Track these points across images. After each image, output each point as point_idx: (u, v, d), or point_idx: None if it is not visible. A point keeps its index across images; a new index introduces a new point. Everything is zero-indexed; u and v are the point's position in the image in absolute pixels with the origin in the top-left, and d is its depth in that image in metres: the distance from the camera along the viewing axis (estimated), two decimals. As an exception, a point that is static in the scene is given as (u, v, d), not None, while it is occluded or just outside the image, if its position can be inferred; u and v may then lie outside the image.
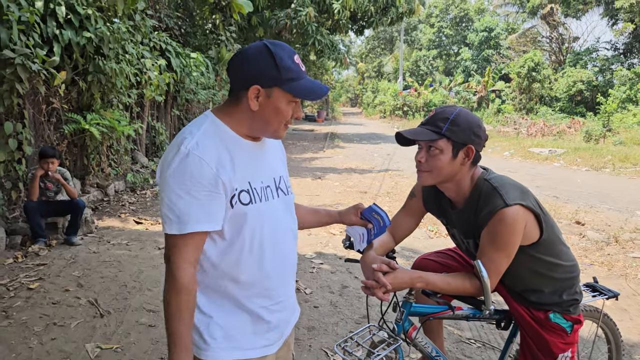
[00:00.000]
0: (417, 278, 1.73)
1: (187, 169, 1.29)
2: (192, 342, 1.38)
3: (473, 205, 1.81)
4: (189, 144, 1.32)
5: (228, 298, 1.42)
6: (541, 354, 1.93)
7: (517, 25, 40.84)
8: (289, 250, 1.54)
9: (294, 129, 25.27)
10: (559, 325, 1.90)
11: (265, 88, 1.35)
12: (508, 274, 1.84)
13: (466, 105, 32.32)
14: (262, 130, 1.43)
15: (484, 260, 1.73)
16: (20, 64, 4.99)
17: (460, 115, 1.76)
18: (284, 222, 1.52)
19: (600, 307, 2.35)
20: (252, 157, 1.45)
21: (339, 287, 4.31)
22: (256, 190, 1.42)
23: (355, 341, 1.80)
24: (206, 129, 1.38)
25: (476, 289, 1.75)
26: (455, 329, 3.60)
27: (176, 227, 1.31)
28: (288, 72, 1.35)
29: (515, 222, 1.70)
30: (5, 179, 5.60)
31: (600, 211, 7.74)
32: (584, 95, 28.08)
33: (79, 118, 6.57)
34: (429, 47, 49.73)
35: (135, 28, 8.16)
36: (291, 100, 1.38)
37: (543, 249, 1.83)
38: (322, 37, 16.56)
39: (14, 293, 3.98)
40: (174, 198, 1.30)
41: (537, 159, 14.87)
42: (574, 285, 1.94)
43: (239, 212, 1.37)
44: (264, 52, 1.35)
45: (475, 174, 1.85)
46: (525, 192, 1.79)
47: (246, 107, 1.38)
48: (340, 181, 10.17)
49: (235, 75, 1.39)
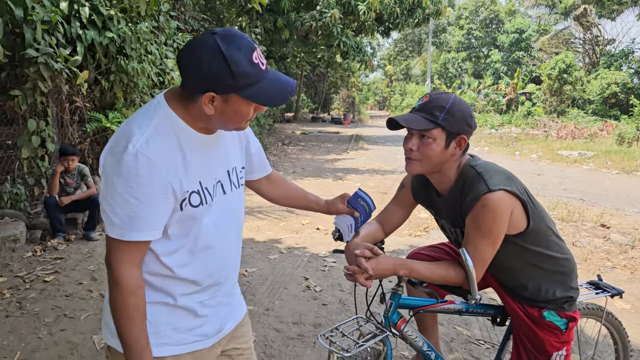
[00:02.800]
0: (400, 265, 1.70)
1: (134, 171, 1.19)
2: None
3: (458, 192, 1.77)
4: (137, 143, 1.20)
5: (163, 293, 1.36)
6: (535, 351, 1.87)
7: (549, 26, 39.96)
8: (233, 245, 1.51)
9: (319, 131, 25.29)
10: (553, 323, 1.84)
11: (220, 95, 1.23)
12: (498, 267, 1.79)
13: (495, 108, 31.80)
14: (222, 128, 1.36)
15: (469, 248, 1.69)
16: (43, 62, 5.13)
17: (455, 104, 1.71)
18: (231, 218, 1.48)
19: (603, 305, 2.26)
20: (206, 154, 1.37)
21: (349, 286, 4.27)
22: (207, 190, 1.36)
23: (340, 331, 1.78)
24: (158, 123, 1.26)
25: (461, 277, 1.71)
26: (464, 330, 3.52)
27: (118, 232, 1.23)
28: (245, 77, 1.21)
29: (499, 208, 1.65)
30: (28, 175, 5.76)
31: (628, 214, 7.49)
32: (619, 97, 27.24)
33: (101, 117, 6.70)
34: (458, 49, 49.18)
35: (158, 29, 8.30)
36: (251, 102, 1.27)
37: (531, 239, 1.77)
38: (347, 39, 16.50)
39: (29, 285, 4.08)
40: (118, 200, 1.21)
41: (565, 161, 14.51)
42: (569, 280, 1.87)
43: (188, 214, 1.32)
44: (217, 55, 1.18)
45: (462, 162, 1.80)
46: (511, 178, 1.73)
47: (202, 108, 1.26)
48: (361, 182, 10.12)
49: (186, 74, 1.24)
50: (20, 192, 5.56)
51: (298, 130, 24.76)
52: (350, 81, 36.40)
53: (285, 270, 4.66)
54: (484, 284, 2.05)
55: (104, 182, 1.24)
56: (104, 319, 1.42)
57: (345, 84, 36.36)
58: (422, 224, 6.59)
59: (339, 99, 40.46)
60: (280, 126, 26.14)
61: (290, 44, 19.06)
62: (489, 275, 1.93)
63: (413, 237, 6.04)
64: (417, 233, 6.24)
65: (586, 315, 2.23)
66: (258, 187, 1.81)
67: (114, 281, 1.26)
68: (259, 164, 1.73)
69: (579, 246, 5.65)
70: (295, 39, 17.61)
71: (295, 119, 32.52)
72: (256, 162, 1.71)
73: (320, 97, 37.21)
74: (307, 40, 18.10)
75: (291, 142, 19.19)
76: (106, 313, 1.40)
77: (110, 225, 1.24)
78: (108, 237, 1.26)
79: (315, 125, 30.27)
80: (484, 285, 2.07)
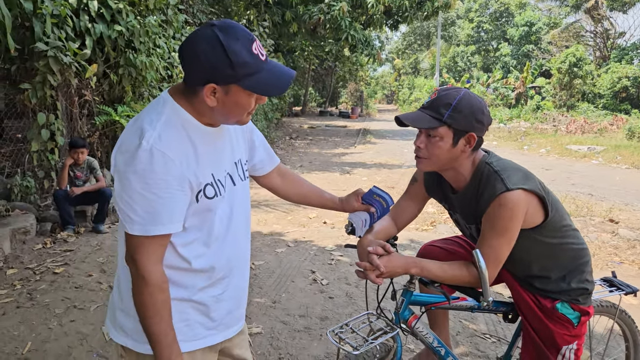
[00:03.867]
0: (412, 263, 1.68)
1: (149, 167, 1.20)
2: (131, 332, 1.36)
3: (474, 190, 1.75)
4: (150, 138, 1.21)
5: (180, 287, 1.37)
6: (544, 345, 1.86)
7: (560, 19, 39.56)
8: (243, 237, 1.52)
9: (326, 125, 25.24)
10: (565, 316, 1.82)
11: (221, 86, 1.24)
12: (513, 260, 1.77)
13: (504, 102, 31.58)
14: (225, 121, 1.37)
15: (483, 247, 1.68)
16: (52, 56, 5.15)
17: (463, 100, 1.67)
18: (241, 209, 1.50)
19: (617, 303, 2.24)
20: (214, 146, 1.39)
21: (356, 279, 4.27)
22: (220, 182, 1.39)
23: (350, 328, 1.77)
24: (168, 118, 1.28)
25: (474, 278, 1.68)
26: (470, 323, 3.52)
27: (140, 229, 1.23)
28: (245, 67, 1.22)
29: (516, 207, 1.63)
30: (38, 168, 5.80)
31: (637, 210, 7.42)
32: (629, 91, 26.96)
33: (110, 110, 6.73)
34: (467, 42, 48.81)
35: (166, 22, 8.30)
36: (251, 93, 1.29)
37: (548, 232, 1.76)
38: (355, 32, 16.40)
39: (39, 277, 4.11)
40: (136, 197, 1.21)
41: (574, 156, 14.39)
42: (584, 272, 1.85)
43: (204, 206, 1.34)
44: (216, 46, 1.19)
45: (476, 158, 1.78)
46: (528, 175, 1.72)
47: (204, 100, 1.28)
48: (368, 176, 10.10)
49: (187, 67, 1.26)
50: (30, 184, 5.60)
51: (306, 124, 24.73)
52: (359, 75, 36.27)
53: (292, 264, 4.66)
54: (496, 280, 2.04)
55: (119, 180, 1.24)
56: (117, 320, 1.41)
57: (354, 77, 36.24)
58: (429, 219, 6.57)
59: (347, 92, 40.34)
60: (288, 120, 26.13)
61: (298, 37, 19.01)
62: (502, 269, 1.91)
63: (420, 231, 6.03)
64: (424, 227, 6.22)
65: (599, 312, 2.21)
66: (271, 183, 1.80)
67: (141, 278, 1.26)
68: (266, 156, 1.73)
69: (587, 241, 5.62)
70: (304, 32, 17.55)
71: (303, 113, 32.47)
72: (263, 154, 1.71)
73: (328, 90, 37.12)
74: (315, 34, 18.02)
75: (299, 136, 19.18)
76: (119, 314, 1.40)
77: (130, 224, 1.24)
78: (129, 235, 1.26)
79: (323, 119, 30.22)
80: (497, 280, 2.05)
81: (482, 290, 1.65)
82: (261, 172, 1.74)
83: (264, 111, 14.38)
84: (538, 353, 1.90)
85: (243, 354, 1.65)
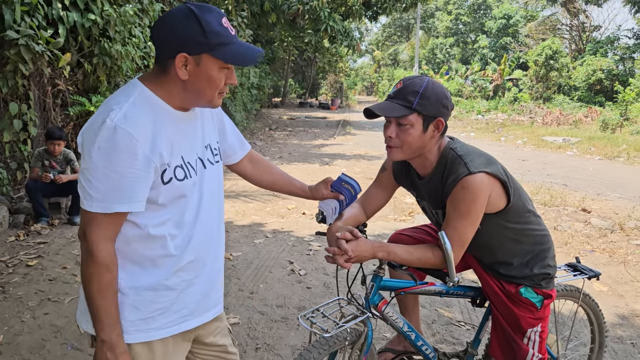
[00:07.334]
0: (378, 247, 1.73)
1: (114, 145, 1.22)
2: None
3: (439, 175, 1.80)
4: (115, 117, 1.23)
5: (153, 272, 1.39)
6: (510, 328, 1.92)
7: (537, 12, 40.04)
8: (216, 218, 1.54)
9: (306, 116, 25.21)
10: (529, 300, 1.89)
11: (193, 55, 1.28)
12: (477, 245, 1.82)
13: (482, 94, 31.91)
14: (196, 100, 1.38)
15: (448, 229, 1.72)
16: (23, 44, 5.04)
17: (429, 87, 1.72)
18: (213, 192, 1.52)
19: (581, 287, 2.31)
20: (184, 130, 1.41)
21: (333, 269, 4.31)
22: (190, 164, 1.41)
23: (321, 312, 1.80)
24: (135, 100, 1.30)
25: (440, 260, 1.73)
26: (446, 311, 3.58)
27: (98, 206, 1.25)
28: (217, 37, 1.27)
29: (479, 190, 1.68)
30: (10, 160, 5.69)
31: (609, 199, 7.61)
32: (604, 84, 27.50)
33: (84, 100, 6.62)
34: (446, 34, 49.13)
35: (142, 12, 8.17)
36: (223, 66, 1.32)
37: (511, 217, 1.81)
38: (334, 23, 16.37)
39: (12, 269, 4.06)
40: (98, 175, 1.23)
41: (550, 147, 14.64)
42: (546, 257, 1.92)
43: (174, 188, 1.36)
44: (190, 16, 1.25)
45: (442, 144, 1.83)
46: (491, 160, 1.77)
47: (175, 77, 1.30)
48: (347, 167, 10.14)
49: (159, 42, 1.30)
50: (3, 176, 5.49)
51: (285, 116, 24.67)
52: (338, 66, 36.21)
53: (270, 254, 4.68)
54: (463, 265, 2.09)
55: (84, 158, 1.26)
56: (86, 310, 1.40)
57: (333, 69, 36.19)
58: (407, 209, 6.64)
59: (327, 84, 40.32)
60: (267, 111, 26.01)
61: (278, 28, 18.86)
62: (468, 255, 1.96)
63: (398, 221, 6.09)
64: (402, 218, 6.28)
65: (563, 296, 2.27)
66: (242, 169, 1.83)
67: (90, 254, 1.28)
68: (237, 142, 1.75)
69: (560, 230, 5.74)
70: (283, 22, 17.44)
71: (282, 104, 32.36)
72: (234, 140, 1.74)
73: (308, 82, 37.05)
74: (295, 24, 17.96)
75: (278, 127, 19.13)
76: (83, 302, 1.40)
77: (89, 200, 1.25)
78: (84, 211, 1.27)
79: (302, 110, 30.16)
80: (464, 266, 2.11)
81: (448, 272, 1.70)
82: (233, 159, 1.77)
83: (243, 102, 14.29)
84: (505, 336, 1.96)
85: (219, 341, 1.67)
